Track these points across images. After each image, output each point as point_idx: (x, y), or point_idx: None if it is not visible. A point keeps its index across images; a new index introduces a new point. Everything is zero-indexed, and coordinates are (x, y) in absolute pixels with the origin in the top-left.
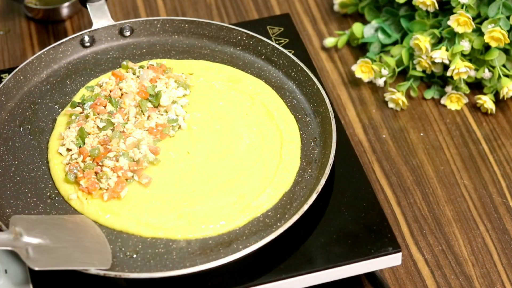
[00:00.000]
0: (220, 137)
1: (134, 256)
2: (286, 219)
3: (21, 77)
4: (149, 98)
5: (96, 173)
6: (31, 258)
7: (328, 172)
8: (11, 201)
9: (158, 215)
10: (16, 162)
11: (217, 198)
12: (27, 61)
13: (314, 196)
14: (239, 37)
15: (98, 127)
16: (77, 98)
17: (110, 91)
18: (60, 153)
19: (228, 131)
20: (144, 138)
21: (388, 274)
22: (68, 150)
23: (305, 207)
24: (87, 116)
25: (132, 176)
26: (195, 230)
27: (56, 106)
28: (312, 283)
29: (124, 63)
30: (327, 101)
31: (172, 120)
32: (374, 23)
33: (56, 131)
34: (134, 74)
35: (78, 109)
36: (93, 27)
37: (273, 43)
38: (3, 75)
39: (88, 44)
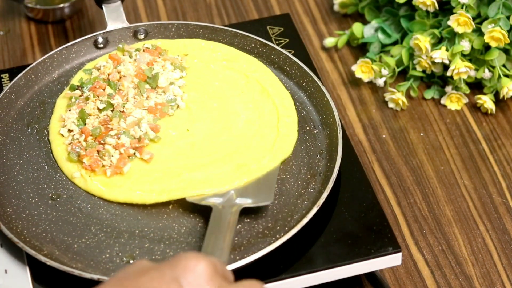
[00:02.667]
0: (217, 114)
1: (131, 261)
2: (286, 231)
3: (32, 76)
4: (147, 80)
5: (98, 151)
6: (253, 201)
7: (331, 187)
8: (13, 200)
9: (160, 182)
10: (21, 161)
11: (217, 166)
12: (39, 60)
13: (314, 210)
14: (253, 45)
15: (98, 108)
16: (75, 81)
17: (109, 74)
18: (62, 134)
19: (225, 108)
20: (144, 117)
21: (388, 274)
22: (70, 131)
23: (305, 220)
24: (87, 98)
25: (134, 153)
26: (197, 188)
27: None
28: (312, 283)
29: (120, 45)
30: (336, 113)
31: (170, 100)
32: (374, 23)
33: (56, 113)
34: (130, 57)
35: (78, 92)
36: (108, 29)
37: (286, 52)
38: (3, 75)
39: (101, 45)
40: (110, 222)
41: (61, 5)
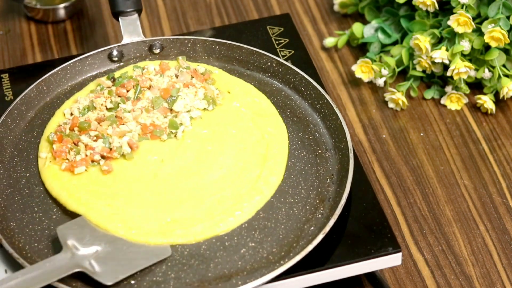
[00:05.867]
0: (202, 158)
1: (132, 282)
2: (290, 257)
3: (44, 88)
4: (168, 99)
5: (74, 143)
6: (98, 273)
7: (339, 213)
8: (17, 214)
9: (92, 197)
10: (28, 174)
11: (151, 211)
12: (52, 71)
13: (320, 237)
14: (269, 63)
15: (106, 106)
16: (118, 73)
17: (141, 79)
18: (64, 114)
19: (214, 155)
20: (133, 131)
21: (388, 274)
22: (71, 114)
23: (310, 247)
24: (108, 92)
25: (99, 160)
26: (110, 223)
27: None
28: (312, 283)
29: (180, 58)
30: (349, 137)
31: (173, 125)
32: (374, 23)
33: (78, 94)
34: (177, 71)
35: (108, 82)
36: (123, 42)
37: (302, 73)
38: (3, 75)
39: (116, 58)
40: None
41: (61, 5)
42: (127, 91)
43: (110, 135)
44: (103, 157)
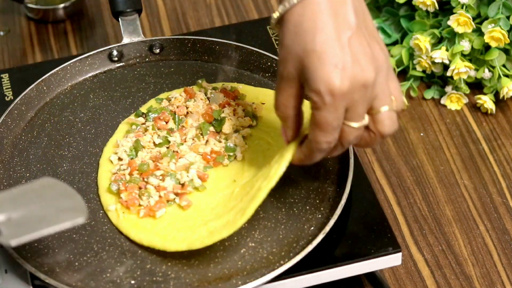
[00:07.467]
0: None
1: (132, 282)
2: (290, 257)
3: (44, 88)
4: (213, 122)
5: (140, 188)
6: (4, 235)
7: (339, 213)
8: None
9: (187, 230)
10: (28, 174)
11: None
12: (52, 71)
13: (320, 237)
14: (269, 63)
15: (154, 142)
16: (144, 108)
17: (177, 107)
18: (111, 161)
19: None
20: (196, 162)
21: (388, 274)
22: (120, 159)
23: (310, 247)
24: (146, 129)
25: (174, 199)
26: (208, 240)
27: (77, 120)
28: (312, 283)
29: (199, 81)
30: None
31: (229, 149)
32: (374, 23)
33: (114, 137)
34: (206, 94)
35: (141, 119)
36: (123, 42)
37: None
38: (3, 75)
39: (116, 58)
40: (113, 240)
41: (61, 5)
42: (166, 122)
43: (174, 171)
44: (176, 194)
